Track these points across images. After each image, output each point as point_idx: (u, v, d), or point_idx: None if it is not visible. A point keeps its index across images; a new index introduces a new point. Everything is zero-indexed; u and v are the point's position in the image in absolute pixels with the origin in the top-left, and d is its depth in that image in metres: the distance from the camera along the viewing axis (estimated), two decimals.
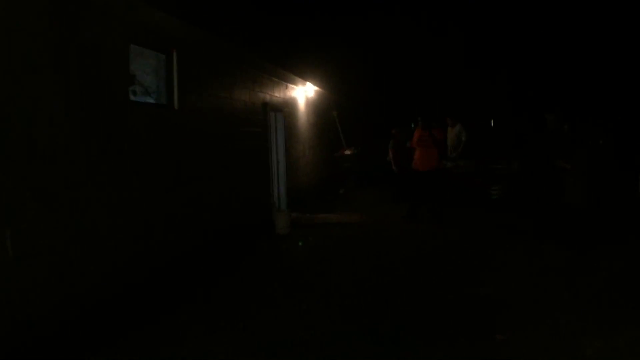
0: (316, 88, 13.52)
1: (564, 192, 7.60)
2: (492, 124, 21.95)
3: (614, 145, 9.56)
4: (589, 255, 7.28)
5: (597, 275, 6.51)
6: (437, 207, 10.32)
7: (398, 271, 7.02)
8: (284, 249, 8.54)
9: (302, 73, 12.16)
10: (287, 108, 11.72)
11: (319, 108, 14.79)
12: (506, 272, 6.82)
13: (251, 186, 9.55)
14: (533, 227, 8.69)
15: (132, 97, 6.34)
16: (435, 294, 6.03)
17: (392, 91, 19.42)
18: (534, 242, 8.08)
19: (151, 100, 6.87)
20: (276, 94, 10.98)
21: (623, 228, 8.68)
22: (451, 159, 12.50)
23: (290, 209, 11.13)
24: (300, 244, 8.75)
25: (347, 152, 15.18)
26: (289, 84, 11.80)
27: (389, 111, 18.74)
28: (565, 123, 7.65)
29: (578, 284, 6.19)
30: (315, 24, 14.10)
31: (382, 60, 18.39)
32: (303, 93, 12.94)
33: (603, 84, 15.65)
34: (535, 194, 8.29)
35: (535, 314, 5.28)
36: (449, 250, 8.01)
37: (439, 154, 10.34)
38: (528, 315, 5.26)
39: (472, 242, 8.48)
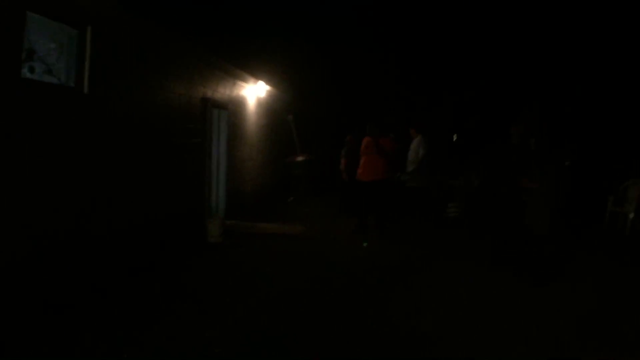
0: (269, 88, 12.46)
1: (525, 214, 6.71)
2: (455, 139, 21.18)
3: (580, 166, 8.76)
4: (546, 289, 6.41)
5: (552, 314, 5.64)
6: (383, 223, 9.37)
7: (328, 294, 6.08)
8: (207, 261, 7.46)
9: (253, 70, 11.11)
10: (233, 106, 10.65)
11: (272, 110, 13.74)
12: (450, 302, 5.93)
13: (182, 189, 8.44)
14: (488, 250, 7.80)
15: (27, 75, 5.24)
16: (364, 325, 5.13)
17: (352, 98, 18.37)
18: (486, 268, 7.18)
19: (54, 81, 5.74)
20: (220, 90, 9.90)
21: (587, 259, 7.85)
22: (408, 172, 11.58)
23: (229, 216, 10.10)
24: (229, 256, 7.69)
25: (300, 158, 14.15)
26: (237, 81, 10.73)
27: (349, 119, 17.68)
28: (532, 137, 6.75)
29: (527, 323, 5.31)
30: (272, 23, 13.09)
31: (342, 66, 17.38)
32: (254, 92, 11.88)
33: (573, 97, 14.92)
34: (493, 213, 7.36)
35: None
36: (390, 272, 7.06)
37: (388, 164, 9.34)
38: None
39: (418, 264, 7.56)
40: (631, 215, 9.85)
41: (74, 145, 5.69)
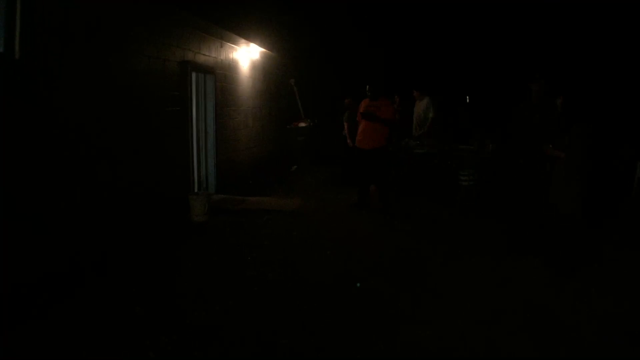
0: (264, 51, 11.26)
1: (550, 189, 5.51)
2: (468, 100, 19.62)
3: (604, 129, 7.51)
4: (577, 281, 5.28)
5: (585, 315, 4.52)
6: (387, 196, 8.27)
7: (321, 294, 4.95)
8: (183, 246, 6.42)
9: (242, 31, 9.90)
10: (221, 70, 9.49)
11: (271, 74, 12.55)
12: (460, 303, 4.80)
13: (160, 163, 7.40)
14: (505, 232, 6.67)
15: None
16: (359, 339, 4.01)
17: (356, 59, 16.85)
18: (503, 254, 6.05)
19: None
20: (204, 52, 8.74)
21: (622, 242, 6.68)
22: (415, 138, 10.40)
23: (220, 190, 9.09)
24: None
25: (302, 124, 13.01)
26: (225, 42, 9.56)
27: (352, 82, 16.35)
28: (559, 96, 5.51)
29: (557, 331, 4.20)
30: None
31: (344, 24, 15.90)
32: (247, 55, 10.70)
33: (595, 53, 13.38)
34: (511, 188, 6.17)
35: None
36: (392, 261, 5.93)
37: (390, 130, 8.14)
38: None
39: (423, 249, 6.40)
40: None
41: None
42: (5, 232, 4.56)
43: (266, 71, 12.14)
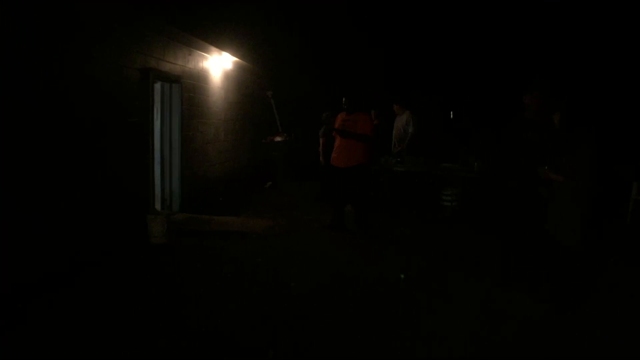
0: (237, 60, 10.52)
1: (546, 217, 4.81)
2: (452, 116, 18.95)
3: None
4: (577, 315, 4.59)
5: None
6: (364, 218, 7.49)
7: (279, 336, 4.19)
8: (135, 271, 5.64)
9: (212, 38, 9.17)
10: (189, 80, 8.75)
11: (246, 86, 11.82)
12: (443, 345, 4.07)
13: (117, 178, 6.65)
14: (494, 256, 5.97)
15: None
16: None
17: (335, 73, 16.04)
18: (492, 284, 5.33)
19: None
20: (170, 60, 8.00)
21: (618, 269, 6.02)
22: (394, 154, 9.72)
23: (186, 208, 8.34)
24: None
25: (278, 138, 12.25)
26: (193, 50, 8.82)
27: (332, 96, 15.47)
28: (556, 111, 4.81)
29: None
30: None
31: (324, 37, 15.18)
32: (219, 64, 9.97)
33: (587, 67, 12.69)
34: (501, 214, 5.46)
35: None
36: (366, 297, 5.10)
37: (367, 146, 7.31)
38: None
39: (405, 278, 5.66)
40: None
41: None
42: None
43: (241, 82, 11.41)
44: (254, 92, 12.32)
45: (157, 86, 8.20)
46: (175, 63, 8.22)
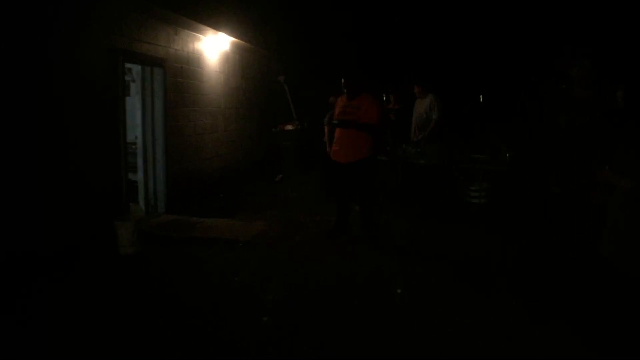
0: (238, 41, 9.23)
1: (602, 236, 3.37)
2: (481, 100, 17.09)
3: None
4: None
5: None
6: (372, 221, 6.05)
7: None
8: (91, 289, 4.43)
9: (206, 17, 7.91)
10: (176, 63, 7.52)
11: (253, 70, 10.54)
12: None
13: (79, 178, 5.52)
14: (526, 275, 4.60)
15: None
16: None
17: (351, 50, 14.21)
18: (524, 317, 3.92)
19: None
20: (148, 40, 6.78)
21: None
22: (414, 143, 8.32)
23: (173, 209, 7.21)
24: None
25: (289, 127, 10.97)
26: (180, 29, 7.58)
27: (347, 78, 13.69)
28: (619, 87, 3.36)
29: None
30: None
31: (335, 12, 13.49)
32: (216, 46, 8.70)
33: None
34: (538, 220, 4.05)
35: None
36: (363, 339, 3.74)
37: (373, 137, 5.82)
38: None
39: (416, 313, 4.20)
40: None
41: None
42: None
43: (246, 66, 10.13)
44: (264, 77, 11.04)
45: (137, 70, 7.01)
46: (157, 44, 6.99)
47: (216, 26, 8.22)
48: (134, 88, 7.18)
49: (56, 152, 5.21)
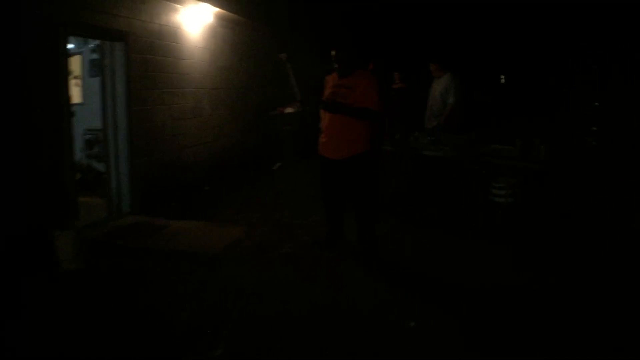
0: (228, 13, 7.91)
1: None
2: (503, 81, 15.28)
3: None
4: None
5: None
6: (371, 233, 4.70)
7: None
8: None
9: None
10: (145, 37, 6.24)
11: (246, 46, 9.20)
12: None
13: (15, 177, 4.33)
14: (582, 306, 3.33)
15: None
16: None
17: (363, 26, 12.53)
18: None
19: None
20: (102, 9, 5.50)
21: None
22: (429, 131, 6.98)
23: (138, 208, 6.06)
24: None
25: (289, 110, 9.67)
26: None
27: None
28: None
29: None
30: None
31: None
32: (198, 18, 7.38)
33: None
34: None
35: None
36: None
37: (374, 126, 4.49)
38: None
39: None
40: None
41: None
42: None
43: (238, 42, 8.81)
44: (263, 55, 9.71)
45: (90, 45, 5.78)
46: (116, 14, 5.72)
47: None
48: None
49: None
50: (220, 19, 7.93)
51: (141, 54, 6.15)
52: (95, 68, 6.76)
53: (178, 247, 4.95)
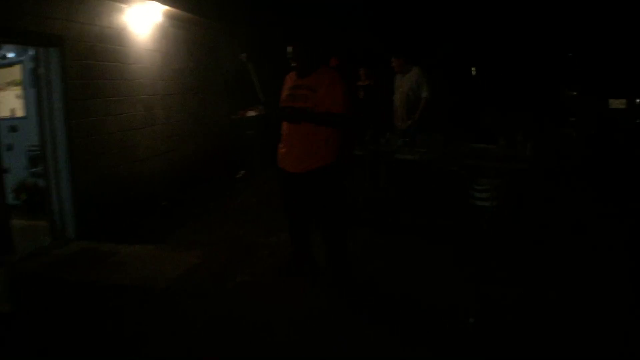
0: (170, 9, 7.23)
1: None
2: (474, 72, 14.75)
3: None
4: None
5: None
6: (337, 254, 4.06)
7: None
8: None
9: None
10: (85, 41, 5.58)
11: (204, 47, 8.56)
12: None
13: None
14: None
15: None
16: None
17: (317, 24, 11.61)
18: None
19: None
20: (32, 11, 4.85)
21: None
22: (402, 132, 6.46)
23: (85, 232, 5.44)
24: None
25: (251, 113, 9.07)
26: None
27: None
28: None
29: None
30: None
31: None
32: (146, 18, 6.73)
33: None
34: None
35: None
36: None
37: (341, 134, 3.85)
38: None
39: None
40: None
41: None
42: None
43: (193, 43, 8.18)
44: (222, 55, 9.08)
45: (30, 52, 5.16)
46: (50, 17, 5.07)
47: None
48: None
49: None
50: (172, 18, 7.31)
51: (81, 60, 5.50)
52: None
53: (124, 280, 4.33)
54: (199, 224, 5.97)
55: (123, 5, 6.24)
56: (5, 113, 6.50)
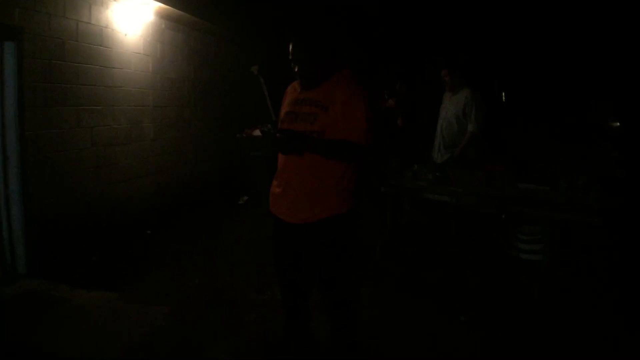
0: (165, 7, 6.27)
1: None
2: (504, 98, 13.30)
3: None
4: None
5: None
6: (348, 336, 2.87)
7: None
8: None
9: None
10: (52, 36, 4.63)
11: (208, 56, 7.65)
12: None
13: None
14: None
15: None
16: None
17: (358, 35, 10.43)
18: None
19: None
20: None
21: None
22: (436, 166, 5.32)
23: (37, 270, 4.46)
24: None
25: (257, 132, 8.07)
26: None
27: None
28: None
29: None
30: None
31: None
32: (138, 17, 5.80)
33: None
34: None
35: None
36: None
37: (357, 172, 2.70)
38: None
39: None
40: None
41: None
42: None
43: (196, 50, 7.24)
44: (228, 65, 8.12)
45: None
46: (7, 3, 4.12)
47: None
48: None
49: None
50: (168, 19, 6.37)
51: (46, 59, 4.54)
52: None
53: (65, 347, 3.28)
54: (179, 264, 4.93)
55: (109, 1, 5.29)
56: None
